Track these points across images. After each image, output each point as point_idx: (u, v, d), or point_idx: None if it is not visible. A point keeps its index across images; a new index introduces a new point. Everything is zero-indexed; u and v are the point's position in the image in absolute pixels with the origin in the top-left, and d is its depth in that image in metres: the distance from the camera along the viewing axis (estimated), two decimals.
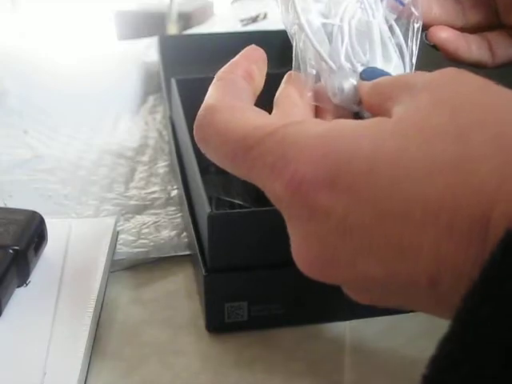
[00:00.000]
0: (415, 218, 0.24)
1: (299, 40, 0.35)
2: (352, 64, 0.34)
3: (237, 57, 0.35)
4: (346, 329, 0.44)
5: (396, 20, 0.37)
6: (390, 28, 0.36)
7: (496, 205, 0.22)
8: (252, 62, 0.34)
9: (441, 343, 0.22)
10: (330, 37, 0.35)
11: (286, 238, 0.42)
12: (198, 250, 0.44)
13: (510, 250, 0.21)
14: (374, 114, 0.31)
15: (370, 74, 0.34)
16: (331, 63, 0.34)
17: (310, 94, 0.34)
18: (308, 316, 0.44)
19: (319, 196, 0.26)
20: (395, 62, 0.35)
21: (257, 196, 0.53)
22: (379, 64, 0.35)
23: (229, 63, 0.35)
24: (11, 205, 0.54)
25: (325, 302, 0.44)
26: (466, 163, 0.24)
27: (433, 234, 0.24)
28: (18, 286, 0.44)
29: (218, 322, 0.43)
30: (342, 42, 0.34)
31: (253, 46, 0.36)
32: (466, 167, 0.23)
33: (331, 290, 0.43)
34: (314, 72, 0.35)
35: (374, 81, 0.32)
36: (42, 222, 0.47)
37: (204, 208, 0.41)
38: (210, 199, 0.52)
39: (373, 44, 0.35)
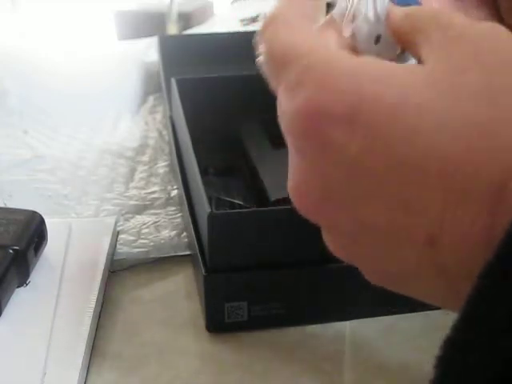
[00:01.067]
0: (429, 174, 0.23)
1: None
2: None
3: None
4: (345, 329, 0.44)
5: None
6: None
7: None
8: None
9: (456, 325, 0.21)
10: None
11: (287, 238, 0.42)
12: (197, 250, 0.44)
13: None
14: (401, 45, 0.30)
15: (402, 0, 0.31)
16: (370, 12, 0.31)
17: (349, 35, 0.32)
18: (308, 316, 0.44)
19: (334, 130, 0.25)
20: None
21: (257, 196, 0.53)
22: None
23: None
24: (11, 205, 0.54)
25: (325, 303, 0.44)
26: (490, 130, 0.23)
27: (442, 196, 0.23)
28: (18, 286, 0.44)
29: (218, 322, 0.43)
30: None
31: None
32: (491, 135, 0.23)
33: (332, 290, 0.43)
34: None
35: (408, 10, 0.30)
36: (42, 222, 0.47)
37: (204, 208, 0.41)
38: (209, 199, 0.52)
39: None
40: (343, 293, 0.44)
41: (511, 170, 0.22)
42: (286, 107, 0.27)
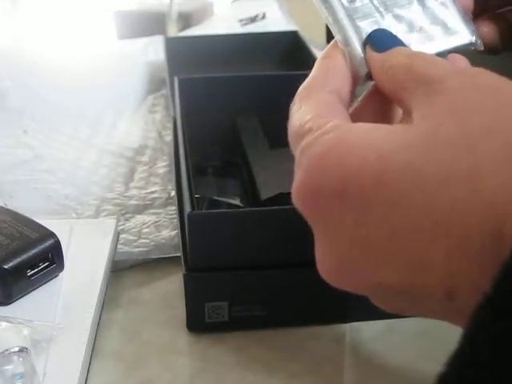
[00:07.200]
0: (425, 232, 0.24)
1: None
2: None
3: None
4: (345, 329, 0.44)
5: None
6: None
7: (507, 219, 0.22)
8: None
9: (450, 361, 0.21)
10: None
11: (268, 239, 0.41)
12: (181, 249, 0.44)
13: None
14: (388, 97, 0.30)
15: (380, 40, 0.31)
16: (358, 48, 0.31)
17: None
18: (290, 319, 0.44)
19: (327, 208, 0.26)
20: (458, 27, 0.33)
21: (252, 196, 0.52)
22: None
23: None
24: (11, 205, 0.54)
25: (307, 305, 0.43)
26: (473, 176, 0.23)
27: (444, 250, 0.23)
28: (1, 304, 0.43)
29: (198, 322, 0.43)
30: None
31: None
32: (474, 181, 0.23)
33: (310, 292, 0.42)
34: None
35: (387, 63, 0.30)
36: (52, 246, 0.44)
37: (187, 207, 0.41)
38: (202, 200, 0.51)
39: None
40: (321, 296, 0.42)
41: (500, 218, 0.22)
42: (292, 191, 0.28)
